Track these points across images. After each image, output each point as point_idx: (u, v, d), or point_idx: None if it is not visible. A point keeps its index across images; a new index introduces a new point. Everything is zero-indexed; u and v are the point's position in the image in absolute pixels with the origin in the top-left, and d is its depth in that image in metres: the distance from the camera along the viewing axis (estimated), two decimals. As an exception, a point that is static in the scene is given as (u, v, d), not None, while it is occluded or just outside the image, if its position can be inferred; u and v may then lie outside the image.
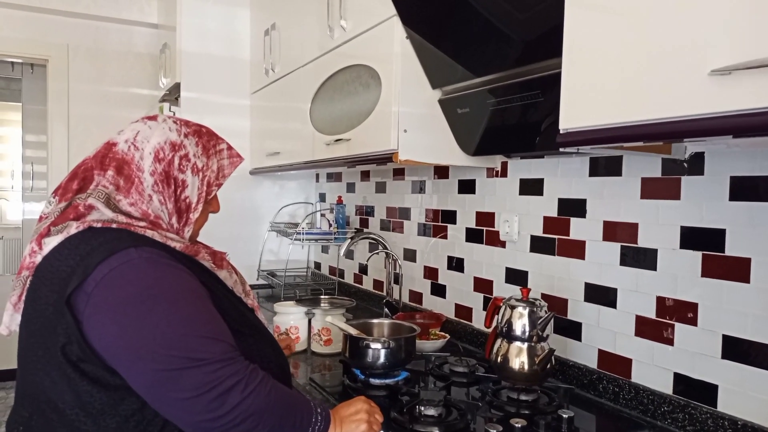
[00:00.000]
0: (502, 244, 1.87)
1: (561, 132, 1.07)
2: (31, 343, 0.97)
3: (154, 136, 1.08)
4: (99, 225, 0.98)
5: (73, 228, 0.98)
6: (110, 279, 0.92)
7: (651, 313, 1.40)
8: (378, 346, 1.52)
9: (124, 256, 0.94)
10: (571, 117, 1.06)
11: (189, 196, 1.10)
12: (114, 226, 0.99)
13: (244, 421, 0.93)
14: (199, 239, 1.20)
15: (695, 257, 1.30)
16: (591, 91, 1.01)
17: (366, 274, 2.74)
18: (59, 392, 0.94)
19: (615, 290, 1.49)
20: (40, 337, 0.96)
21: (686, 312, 1.32)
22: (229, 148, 1.20)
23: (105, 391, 0.93)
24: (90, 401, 0.93)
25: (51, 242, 0.99)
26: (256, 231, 3.11)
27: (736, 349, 1.22)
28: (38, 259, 1.00)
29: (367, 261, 2.70)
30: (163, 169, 1.07)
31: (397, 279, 2.36)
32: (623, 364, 1.47)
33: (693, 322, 1.30)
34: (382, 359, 1.52)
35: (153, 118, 1.13)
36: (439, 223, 2.18)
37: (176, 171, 1.08)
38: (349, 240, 2.27)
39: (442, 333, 1.96)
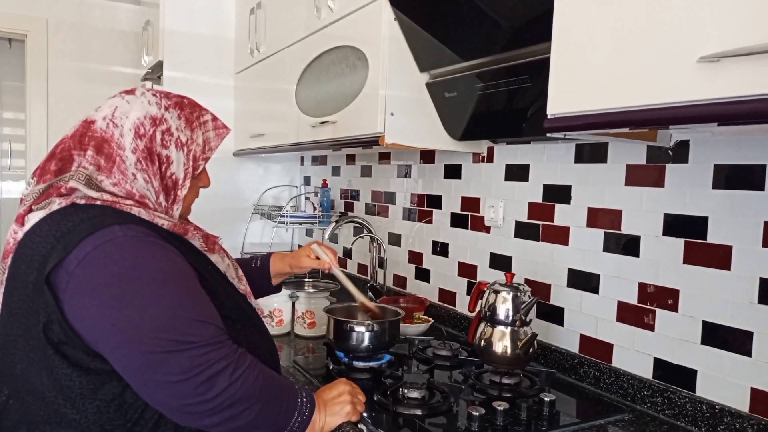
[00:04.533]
0: (487, 230, 1.88)
1: (549, 117, 1.07)
2: (10, 322, 0.95)
3: (133, 111, 1.03)
4: (83, 201, 0.95)
5: (56, 204, 0.95)
6: (93, 258, 0.89)
7: (633, 299, 1.41)
8: (362, 329, 1.52)
9: (108, 234, 0.91)
10: (559, 102, 1.05)
11: (175, 172, 1.06)
12: (98, 203, 0.95)
13: (231, 405, 0.91)
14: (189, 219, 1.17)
15: (678, 244, 1.31)
16: (580, 77, 1.01)
17: (350, 257, 2.73)
18: (37, 374, 0.92)
19: (598, 276, 1.50)
20: (21, 316, 0.93)
21: (667, 298, 1.33)
22: (214, 118, 1.15)
23: (85, 376, 0.91)
24: (69, 385, 0.91)
25: (33, 218, 0.95)
26: (240, 213, 3.08)
27: (715, 336, 1.24)
28: (20, 236, 0.96)
29: (352, 245, 2.70)
30: (145, 145, 1.02)
31: (382, 263, 2.36)
32: (604, 349, 1.49)
33: (674, 308, 1.32)
34: (366, 342, 1.52)
35: (131, 91, 1.08)
36: (425, 208, 2.18)
37: (159, 147, 1.03)
38: (334, 224, 2.26)
39: (426, 317, 1.97)
